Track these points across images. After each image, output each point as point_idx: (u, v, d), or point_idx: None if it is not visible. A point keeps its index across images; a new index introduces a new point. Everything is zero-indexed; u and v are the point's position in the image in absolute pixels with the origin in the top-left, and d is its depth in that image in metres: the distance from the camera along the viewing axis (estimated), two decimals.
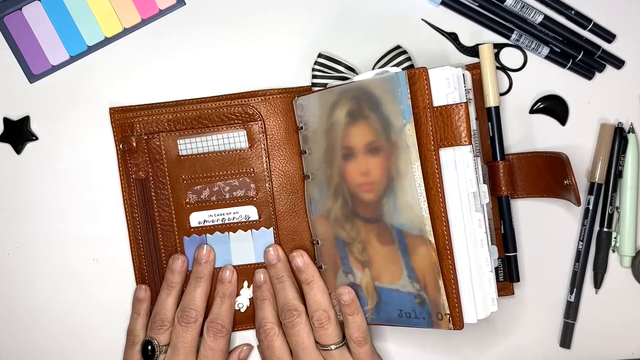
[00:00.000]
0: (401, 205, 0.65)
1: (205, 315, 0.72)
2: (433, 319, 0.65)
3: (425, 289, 0.65)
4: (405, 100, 0.64)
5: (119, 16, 0.75)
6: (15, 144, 0.74)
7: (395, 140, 0.65)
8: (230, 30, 0.76)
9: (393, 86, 0.64)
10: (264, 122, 0.74)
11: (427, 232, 0.64)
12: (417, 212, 0.64)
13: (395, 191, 0.65)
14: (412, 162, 0.64)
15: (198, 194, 0.74)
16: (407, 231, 0.65)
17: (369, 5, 0.76)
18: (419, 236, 0.64)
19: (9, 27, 0.74)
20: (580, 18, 0.76)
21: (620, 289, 0.78)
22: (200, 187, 0.74)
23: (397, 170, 0.65)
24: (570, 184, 0.70)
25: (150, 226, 0.74)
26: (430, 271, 0.64)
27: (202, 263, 0.73)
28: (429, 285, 0.65)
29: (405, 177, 0.64)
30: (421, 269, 0.65)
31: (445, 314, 0.64)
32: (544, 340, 0.78)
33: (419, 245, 0.65)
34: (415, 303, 0.66)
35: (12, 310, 0.74)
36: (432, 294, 0.65)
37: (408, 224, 0.65)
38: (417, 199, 0.64)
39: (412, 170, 0.64)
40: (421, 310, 0.66)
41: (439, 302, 0.64)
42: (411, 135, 0.64)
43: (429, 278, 0.65)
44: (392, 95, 0.64)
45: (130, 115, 0.73)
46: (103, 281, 0.75)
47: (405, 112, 0.64)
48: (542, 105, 0.77)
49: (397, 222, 0.66)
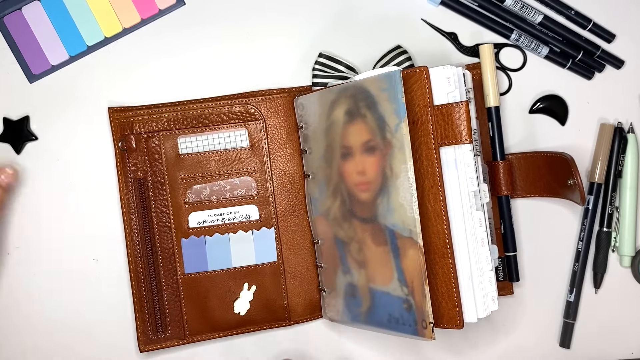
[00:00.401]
0: (394, 205, 0.65)
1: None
2: (418, 326, 0.64)
3: (412, 294, 0.65)
4: (400, 98, 0.64)
5: (118, 16, 0.75)
6: (15, 144, 0.74)
7: (390, 139, 0.65)
8: (230, 30, 0.76)
9: (388, 84, 0.64)
10: (265, 122, 0.74)
11: (416, 234, 0.63)
12: (409, 212, 0.64)
13: (390, 191, 0.65)
14: (405, 161, 0.64)
15: (198, 193, 0.73)
16: (398, 232, 0.65)
17: (369, 5, 0.76)
18: (409, 238, 0.64)
19: (9, 27, 0.74)
20: (580, 18, 0.77)
21: (620, 289, 0.78)
22: (200, 187, 0.73)
23: (391, 169, 0.65)
24: (576, 183, 0.70)
25: (147, 227, 0.73)
26: (417, 276, 0.64)
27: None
28: (416, 290, 0.64)
29: (398, 176, 0.64)
30: (410, 272, 0.65)
31: (430, 322, 0.63)
32: (544, 340, 0.78)
33: (409, 247, 0.64)
34: (403, 308, 0.65)
35: (12, 310, 0.74)
36: (419, 300, 0.64)
37: (400, 224, 0.65)
38: (408, 199, 0.64)
39: (405, 169, 0.64)
40: (408, 317, 0.65)
41: (424, 309, 0.64)
42: (405, 134, 0.64)
43: (417, 283, 0.64)
44: (387, 94, 0.64)
45: (130, 114, 0.73)
46: (103, 281, 0.75)
47: (399, 111, 0.64)
48: (542, 105, 0.77)
49: (390, 222, 0.66)
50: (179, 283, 0.74)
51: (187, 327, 0.74)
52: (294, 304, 0.75)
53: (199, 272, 0.74)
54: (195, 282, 0.74)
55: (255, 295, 0.75)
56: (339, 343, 0.77)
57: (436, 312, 0.65)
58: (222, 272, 0.74)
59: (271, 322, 0.75)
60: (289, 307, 0.75)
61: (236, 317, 0.74)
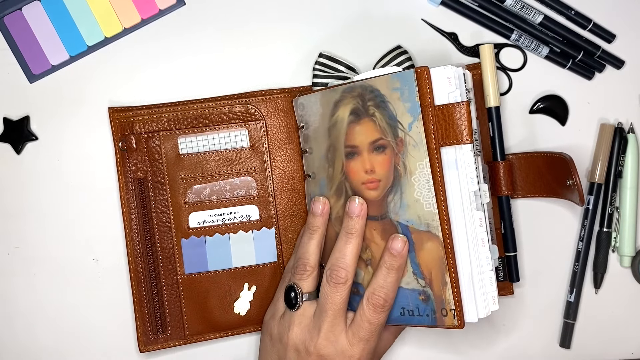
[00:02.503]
0: (408, 201, 0.65)
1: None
2: (437, 315, 0.65)
3: (430, 285, 0.65)
4: (414, 97, 0.64)
5: (118, 16, 0.75)
6: (15, 144, 0.74)
7: (402, 138, 0.65)
8: (230, 30, 0.76)
9: (401, 84, 0.64)
10: (265, 122, 0.74)
11: (435, 227, 0.64)
12: (426, 207, 0.64)
13: (402, 188, 0.65)
14: (422, 158, 0.64)
15: (198, 194, 0.73)
16: (413, 227, 0.65)
17: (369, 5, 0.76)
18: (426, 232, 0.65)
19: (9, 27, 0.74)
20: (580, 18, 0.77)
21: (620, 289, 0.78)
22: (201, 187, 0.73)
23: (404, 167, 0.65)
24: (575, 184, 0.70)
25: (147, 227, 0.73)
26: (436, 266, 0.64)
27: (354, 217, 0.66)
28: (434, 280, 0.65)
29: (413, 173, 0.65)
30: (427, 264, 0.65)
31: (451, 309, 0.64)
32: (544, 340, 0.78)
33: (426, 240, 0.65)
34: (420, 300, 0.66)
35: (12, 310, 0.74)
36: (438, 290, 0.65)
37: (415, 219, 0.65)
38: (425, 195, 0.64)
39: (421, 166, 0.64)
40: (425, 307, 0.66)
41: (445, 297, 0.64)
42: (419, 132, 0.64)
43: (435, 273, 0.65)
44: (399, 93, 0.65)
45: (130, 114, 0.73)
46: (103, 281, 0.75)
47: (413, 110, 0.64)
48: (542, 105, 0.77)
49: (402, 218, 0.66)
50: (179, 283, 0.74)
51: (187, 327, 0.74)
52: None
53: (199, 272, 0.74)
54: (195, 282, 0.74)
55: (255, 295, 0.75)
56: None
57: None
58: (222, 272, 0.74)
59: None
60: None
61: (236, 317, 0.74)
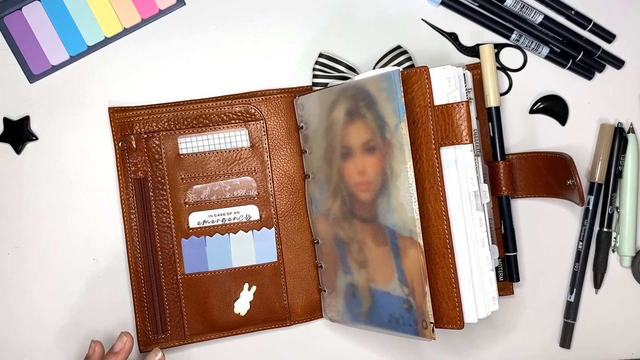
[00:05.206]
0: (394, 205, 0.65)
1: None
2: (418, 327, 0.64)
3: (413, 294, 0.65)
4: (399, 98, 0.64)
5: (119, 16, 0.75)
6: (15, 144, 0.74)
7: (389, 139, 0.65)
8: (230, 30, 0.75)
9: (388, 84, 0.64)
10: (265, 122, 0.74)
11: (416, 234, 0.63)
12: (409, 212, 0.64)
13: (390, 191, 0.65)
14: (405, 161, 0.64)
15: (198, 194, 0.73)
16: (399, 232, 0.65)
17: (369, 5, 0.76)
18: (409, 238, 0.64)
19: (9, 27, 0.74)
20: (580, 18, 0.77)
21: (620, 289, 0.78)
22: (201, 187, 0.73)
23: (391, 169, 0.65)
24: (575, 184, 0.70)
25: (147, 227, 0.73)
26: (417, 276, 0.64)
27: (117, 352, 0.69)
28: (416, 290, 0.64)
29: (398, 176, 0.64)
30: (410, 272, 0.64)
31: (430, 322, 0.63)
32: (544, 340, 0.78)
33: (409, 247, 0.64)
34: (404, 308, 0.65)
35: (12, 310, 0.74)
36: (419, 300, 0.64)
37: (400, 224, 0.65)
38: (408, 199, 0.64)
39: (405, 170, 0.64)
40: (409, 317, 0.65)
41: (425, 309, 0.63)
42: (404, 134, 0.63)
43: (417, 283, 0.64)
44: (387, 94, 0.64)
45: (130, 114, 0.73)
46: (103, 281, 0.75)
47: (399, 111, 0.64)
48: (542, 105, 0.77)
49: (390, 222, 0.66)
50: (179, 283, 0.74)
51: (187, 327, 0.74)
52: (294, 304, 0.75)
53: (199, 273, 0.74)
54: (195, 282, 0.74)
55: (255, 295, 0.75)
56: (339, 343, 0.77)
57: (436, 312, 0.65)
58: (222, 273, 0.74)
59: (271, 323, 0.75)
60: (289, 308, 0.75)
61: (236, 317, 0.74)
